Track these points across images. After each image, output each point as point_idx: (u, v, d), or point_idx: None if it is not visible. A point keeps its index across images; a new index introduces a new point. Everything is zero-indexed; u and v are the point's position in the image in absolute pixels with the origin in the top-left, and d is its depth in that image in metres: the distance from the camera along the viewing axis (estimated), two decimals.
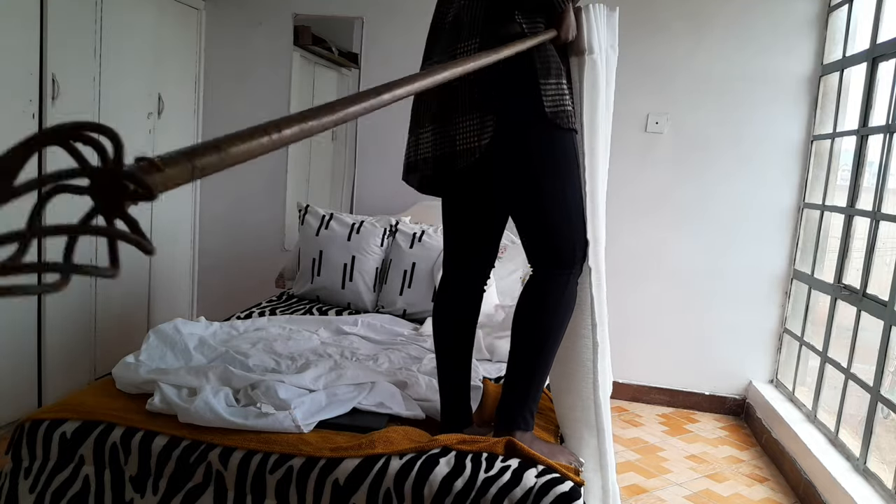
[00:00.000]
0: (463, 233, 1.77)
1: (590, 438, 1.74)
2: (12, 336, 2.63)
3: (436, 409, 1.80)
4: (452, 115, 1.58)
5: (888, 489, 2.16)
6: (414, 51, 3.58)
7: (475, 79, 1.52)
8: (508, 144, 1.55)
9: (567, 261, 1.61)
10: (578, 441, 1.77)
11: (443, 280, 1.80)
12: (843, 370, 2.56)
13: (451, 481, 1.47)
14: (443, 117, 1.60)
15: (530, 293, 1.64)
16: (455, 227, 1.78)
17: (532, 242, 1.65)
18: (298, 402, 1.65)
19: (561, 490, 1.44)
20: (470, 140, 1.55)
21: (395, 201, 3.57)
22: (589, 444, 1.75)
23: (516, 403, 1.63)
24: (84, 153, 0.47)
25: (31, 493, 1.59)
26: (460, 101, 1.56)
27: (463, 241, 1.77)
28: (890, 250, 2.52)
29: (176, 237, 3.65)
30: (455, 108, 1.58)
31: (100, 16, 2.88)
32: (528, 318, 1.62)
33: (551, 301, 1.61)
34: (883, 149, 2.44)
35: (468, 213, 1.75)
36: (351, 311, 2.85)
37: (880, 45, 2.56)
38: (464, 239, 1.77)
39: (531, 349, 1.61)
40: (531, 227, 1.65)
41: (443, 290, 1.79)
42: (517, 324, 1.64)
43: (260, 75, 3.67)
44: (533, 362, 1.61)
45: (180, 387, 1.70)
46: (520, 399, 1.63)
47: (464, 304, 1.76)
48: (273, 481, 1.51)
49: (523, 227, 1.66)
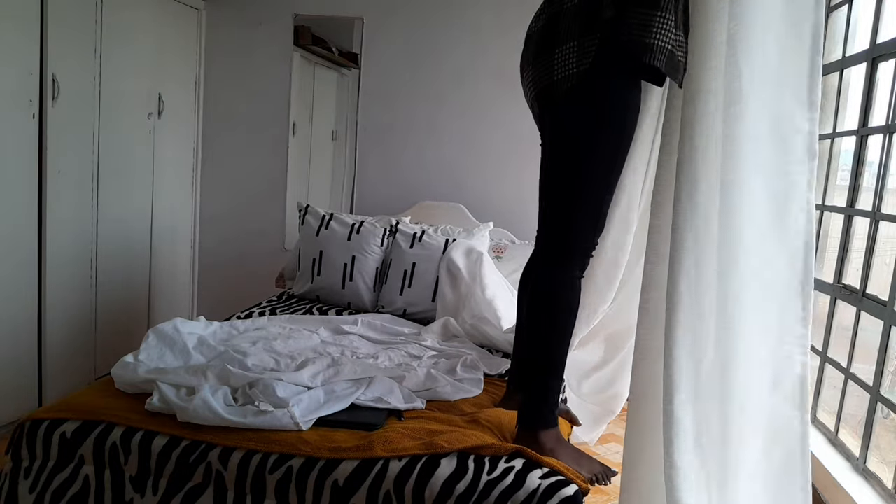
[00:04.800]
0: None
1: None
2: (12, 336, 2.63)
3: (435, 395, 1.86)
4: (552, 47, 1.55)
5: (888, 489, 2.16)
6: (414, 51, 3.60)
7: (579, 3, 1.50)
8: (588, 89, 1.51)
9: (569, 257, 1.64)
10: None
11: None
12: (842, 370, 2.56)
13: (453, 483, 1.47)
14: (544, 51, 1.58)
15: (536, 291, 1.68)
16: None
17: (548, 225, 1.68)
18: (297, 399, 1.65)
19: (565, 494, 1.44)
20: (569, 66, 1.51)
21: (395, 201, 3.57)
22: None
23: (537, 402, 1.65)
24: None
25: (31, 493, 1.59)
26: (561, 31, 1.53)
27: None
28: (890, 250, 2.52)
29: (176, 237, 3.65)
30: (555, 41, 1.55)
31: (100, 16, 2.88)
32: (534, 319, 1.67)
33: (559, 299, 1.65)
34: (883, 149, 2.44)
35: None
36: (351, 310, 2.85)
37: (880, 45, 2.56)
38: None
39: (543, 349, 1.65)
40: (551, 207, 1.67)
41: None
42: (527, 325, 1.69)
43: (260, 75, 3.67)
44: (546, 361, 1.65)
45: (179, 386, 1.70)
46: (539, 397, 1.64)
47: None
48: (273, 481, 1.51)
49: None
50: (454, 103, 3.53)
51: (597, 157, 1.59)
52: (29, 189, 2.63)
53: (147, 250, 3.41)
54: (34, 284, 2.71)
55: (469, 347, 2.36)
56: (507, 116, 3.48)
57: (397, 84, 3.58)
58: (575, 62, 1.51)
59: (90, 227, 2.98)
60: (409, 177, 3.61)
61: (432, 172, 3.58)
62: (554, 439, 1.63)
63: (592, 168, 1.59)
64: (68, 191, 2.81)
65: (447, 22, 3.49)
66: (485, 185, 3.54)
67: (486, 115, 3.49)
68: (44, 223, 2.70)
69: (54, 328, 2.81)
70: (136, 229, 3.31)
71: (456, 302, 2.66)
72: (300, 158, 3.81)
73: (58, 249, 2.78)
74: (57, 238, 2.77)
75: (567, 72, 1.52)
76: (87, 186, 2.93)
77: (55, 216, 2.74)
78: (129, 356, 1.87)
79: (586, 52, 1.50)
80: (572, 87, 1.52)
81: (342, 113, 3.80)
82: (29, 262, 2.67)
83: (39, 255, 2.71)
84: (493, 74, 3.47)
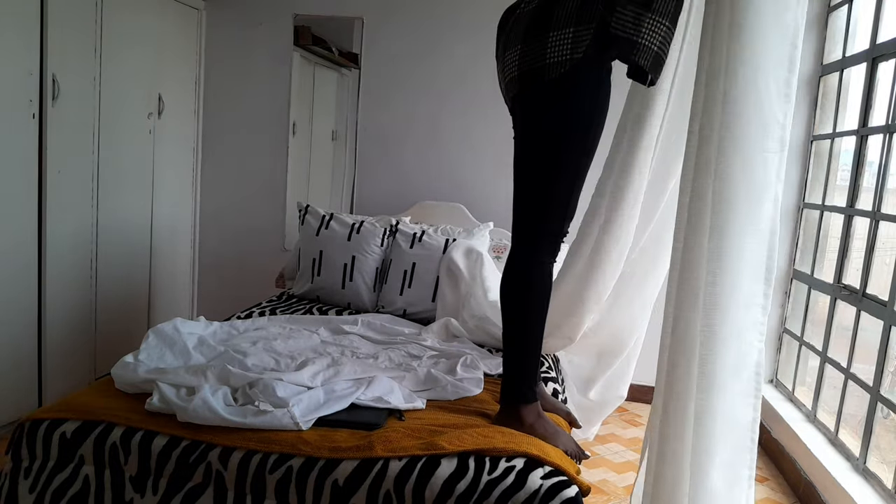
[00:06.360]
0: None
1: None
2: (12, 336, 2.63)
3: (435, 395, 1.89)
4: (546, 31, 1.60)
5: (888, 489, 2.16)
6: (414, 51, 3.60)
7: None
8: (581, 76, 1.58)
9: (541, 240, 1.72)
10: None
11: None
12: (842, 370, 2.56)
13: (454, 483, 1.47)
14: (535, 33, 1.63)
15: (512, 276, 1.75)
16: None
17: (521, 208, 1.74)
18: (296, 399, 1.65)
19: (567, 495, 1.43)
20: (562, 52, 1.57)
21: (395, 201, 3.57)
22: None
23: (515, 379, 1.73)
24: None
25: (31, 493, 1.59)
26: (556, 16, 1.59)
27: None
28: (890, 250, 2.52)
29: (176, 237, 3.65)
30: (549, 25, 1.60)
31: (100, 16, 2.88)
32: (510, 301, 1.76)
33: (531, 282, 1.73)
34: (883, 149, 2.44)
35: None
36: (351, 310, 2.85)
37: (880, 45, 2.56)
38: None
39: (518, 328, 1.74)
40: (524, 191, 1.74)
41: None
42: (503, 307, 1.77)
43: (260, 75, 3.67)
44: (520, 339, 1.74)
45: (179, 386, 1.70)
46: (517, 374, 1.73)
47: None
48: (273, 481, 1.51)
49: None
50: (454, 103, 3.53)
51: (570, 145, 1.66)
52: (29, 189, 2.63)
53: (147, 250, 3.41)
54: (34, 284, 2.71)
55: (469, 347, 2.36)
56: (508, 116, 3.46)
57: (397, 84, 3.58)
58: (569, 49, 1.57)
59: (90, 227, 2.98)
60: (409, 177, 3.61)
61: (432, 172, 3.58)
62: (534, 414, 1.72)
63: (565, 155, 1.66)
64: (68, 191, 2.81)
65: (447, 22, 3.49)
66: (485, 185, 3.54)
67: (486, 114, 3.49)
68: (44, 223, 2.70)
69: (54, 328, 2.81)
70: (136, 229, 3.31)
71: (456, 302, 2.66)
72: (300, 158, 3.81)
73: (58, 249, 2.78)
74: (57, 238, 2.77)
75: (560, 57, 1.58)
76: (87, 186, 2.93)
77: (55, 216, 2.74)
78: (129, 356, 1.87)
79: (580, 41, 1.56)
80: (563, 74, 1.58)
81: (342, 113, 3.80)
82: (29, 262, 2.67)
83: (39, 255, 2.71)
84: (493, 74, 3.43)
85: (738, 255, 1.33)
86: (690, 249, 1.39)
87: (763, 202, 1.34)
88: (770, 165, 1.33)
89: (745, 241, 1.33)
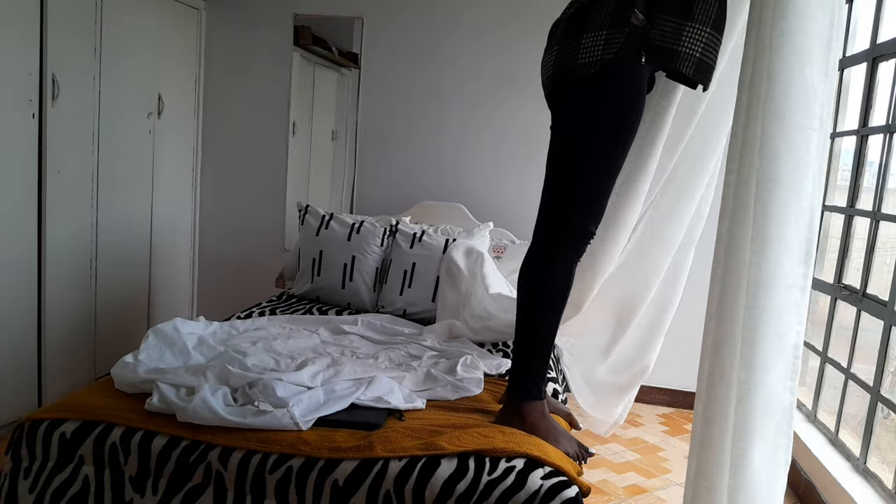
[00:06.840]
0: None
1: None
2: (12, 335, 2.63)
3: (435, 395, 1.88)
4: (581, 33, 1.64)
5: (888, 489, 2.16)
6: (414, 51, 3.60)
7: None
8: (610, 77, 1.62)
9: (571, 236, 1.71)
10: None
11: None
12: (842, 370, 2.56)
13: (454, 484, 1.47)
14: (571, 35, 1.66)
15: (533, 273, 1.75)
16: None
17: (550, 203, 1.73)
18: (296, 399, 1.64)
19: (567, 495, 1.43)
20: (594, 53, 1.61)
21: (395, 201, 3.57)
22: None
23: (522, 375, 1.73)
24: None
25: (31, 494, 1.59)
26: (591, 20, 1.63)
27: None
28: (890, 250, 2.52)
29: (176, 237, 3.65)
30: (584, 28, 1.64)
31: (100, 16, 2.88)
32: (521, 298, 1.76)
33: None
34: (883, 149, 2.44)
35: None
36: (351, 310, 2.85)
37: (880, 45, 2.56)
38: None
39: (531, 324, 1.74)
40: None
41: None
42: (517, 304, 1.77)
43: (260, 75, 3.67)
44: (532, 335, 1.74)
45: (179, 386, 1.70)
46: (523, 369, 1.73)
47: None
48: (272, 481, 1.51)
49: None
50: (454, 103, 3.53)
51: (599, 145, 1.66)
52: (29, 189, 2.63)
53: (147, 250, 3.41)
54: (34, 284, 2.71)
55: (469, 347, 2.36)
56: (508, 116, 3.48)
57: (397, 84, 3.58)
58: (600, 50, 1.60)
59: (90, 226, 2.98)
60: (409, 177, 3.61)
61: (432, 172, 3.58)
62: (538, 412, 1.71)
63: (594, 155, 1.67)
64: (68, 191, 2.81)
65: (447, 22, 3.49)
66: (485, 185, 3.54)
67: (486, 114, 3.49)
68: (44, 223, 2.70)
69: (54, 328, 2.81)
70: (135, 229, 3.31)
71: (456, 302, 2.65)
72: (300, 158, 3.81)
73: (57, 249, 2.78)
74: (56, 238, 2.76)
75: (592, 57, 1.61)
76: (87, 186, 2.93)
77: (55, 216, 2.74)
78: (129, 356, 1.87)
79: (612, 43, 1.59)
80: (593, 73, 1.61)
81: (342, 113, 3.80)
82: (28, 262, 2.67)
83: (39, 254, 2.71)
84: (493, 74, 3.47)
85: (780, 234, 1.30)
86: (738, 223, 1.35)
87: (804, 180, 1.32)
88: (812, 143, 1.32)
89: (788, 220, 1.31)
